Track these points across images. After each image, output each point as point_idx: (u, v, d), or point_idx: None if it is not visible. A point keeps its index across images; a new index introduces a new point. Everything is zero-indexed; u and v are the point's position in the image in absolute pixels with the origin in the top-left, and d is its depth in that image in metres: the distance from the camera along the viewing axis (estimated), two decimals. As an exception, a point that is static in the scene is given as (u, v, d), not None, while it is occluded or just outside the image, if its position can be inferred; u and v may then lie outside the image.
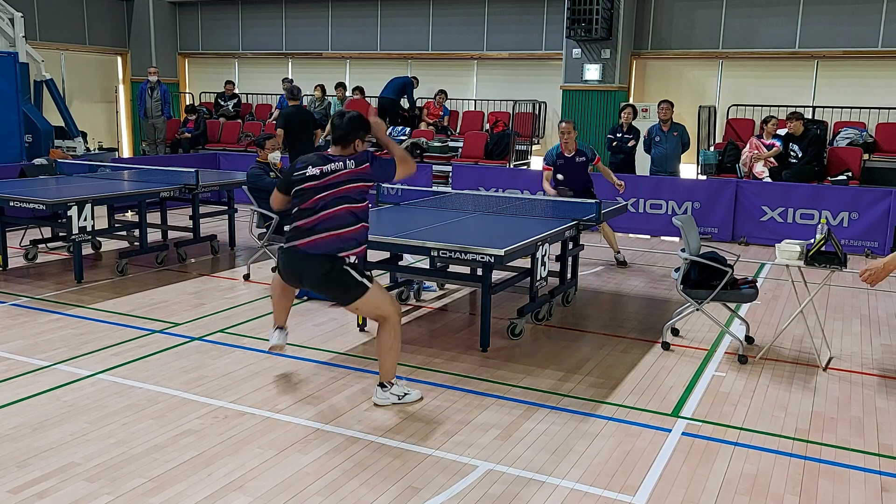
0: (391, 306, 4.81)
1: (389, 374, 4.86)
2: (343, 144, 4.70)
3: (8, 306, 6.87)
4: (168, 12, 17.95)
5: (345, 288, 4.66)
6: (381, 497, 3.74)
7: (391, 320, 4.78)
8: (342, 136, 4.70)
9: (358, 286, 4.66)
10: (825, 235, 5.59)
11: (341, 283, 4.65)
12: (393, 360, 4.84)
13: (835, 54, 12.67)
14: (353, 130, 4.70)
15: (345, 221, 4.63)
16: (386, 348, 4.81)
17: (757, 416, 4.80)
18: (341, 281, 4.64)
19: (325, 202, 4.62)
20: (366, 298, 4.69)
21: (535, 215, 7.18)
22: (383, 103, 14.60)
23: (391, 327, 4.77)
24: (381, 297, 4.79)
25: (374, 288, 4.71)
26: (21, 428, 4.41)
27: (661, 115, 11.05)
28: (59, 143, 13.30)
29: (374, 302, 4.74)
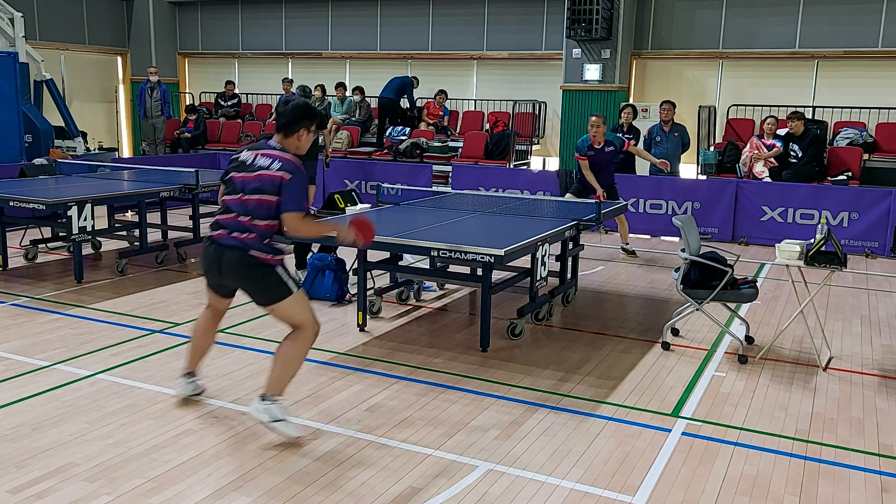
0: (312, 319, 4.43)
1: (277, 388, 4.36)
2: (286, 132, 4.39)
3: (8, 306, 6.87)
4: (168, 12, 17.95)
5: (265, 286, 4.32)
6: (381, 497, 3.74)
7: (306, 332, 4.39)
8: (286, 123, 4.39)
9: (280, 287, 4.32)
10: (825, 235, 5.59)
11: (263, 280, 4.31)
12: (288, 374, 4.38)
13: (835, 54, 12.67)
14: (298, 119, 4.39)
15: (263, 215, 4.27)
16: (285, 357, 4.36)
17: (757, 417, 4.80)
18: (263, 277, 4.30)
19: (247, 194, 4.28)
20: (286, 303, 4.33)
21: (535, 215, 7.18)
22: (383, 103, 14.61)
23: (303, 339, 4.38)
24: (304, 306, 4.41)
25: (299, 294, 4.38)
26: (20, 428, 4.41)
27: (663, 115, 11.08)
28: (59, 143, 13.31)
29: (293, 308, 4.36)
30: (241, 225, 4.29)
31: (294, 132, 4.41)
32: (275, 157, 4.30)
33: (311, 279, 7.23)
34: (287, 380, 4.39)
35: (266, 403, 4.30)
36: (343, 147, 14.41)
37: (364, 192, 12.39)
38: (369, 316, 6.54)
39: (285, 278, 4.34)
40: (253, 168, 4.31)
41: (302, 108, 4.44)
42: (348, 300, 7.16)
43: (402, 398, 4.96)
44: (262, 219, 4.27)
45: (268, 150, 4.35)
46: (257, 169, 4.29)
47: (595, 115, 9.41)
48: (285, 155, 4.32)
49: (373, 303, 6.71)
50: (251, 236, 4.28)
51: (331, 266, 7.20)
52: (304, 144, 4.48)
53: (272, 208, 4.26)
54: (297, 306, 4.38)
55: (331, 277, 7.17)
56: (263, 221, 4.27)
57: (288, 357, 4.36)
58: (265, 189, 4.24)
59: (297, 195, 4.26)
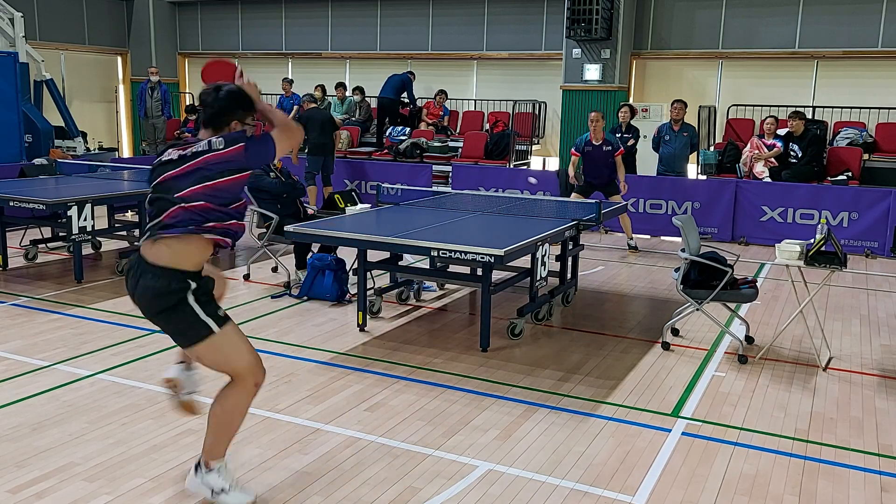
0: (249, 363, 3.52)
1: (215, 453, 3.60)
2: (215, 127, 3.51)
3: (7, 306, 6.87)
4: (168, 12, 17.95)
5: (180, 324, 3.41)
6: (381, 497, 3.74)
7: (245, 382, 3.51)
8: (214, 115, 3.52)
9: (197, 325, 3.38)
10: (825, 235, 5.59)
11: (175, 316, 3.39)
12: (227, 435, 3.60)
13: (835, 54, 12.67)
14: (229, 109, 3.52)
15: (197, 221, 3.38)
16: (221, 416, 3.54)
17: (757, 416, 4.80)
18: (175, 312, 3.38)
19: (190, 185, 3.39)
20: (209, 344, 3.41)
21: (535, 215, 7.18)
22: (383, 103, 14.61)
23: (241, 390, 3.52)
24: (236, 346, 3.50)
25: (226, 331, 3.45)
26: (20, 428, 4.41)
27: (674, 114, 11.07)
28: (59, 143, 13.31)
29: (222, 351, 3.46)
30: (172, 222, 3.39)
31: (225, 125, 3.53)
32: (205, 138, 3.47)
33: (311, 279, 7.23)
34: (226, 442, 3.63)
35: (203, 474, 3.60)
36: (343, 147, 14.40)
37: (364, 192, 12.40)
38: (369, 316, 6.55)
39: (202, 315, 3.39)
40: (187, 159, 3.40)
41: (234, 95, 3.57)
42: (348, 300, 7.17)
43: (402, 398, 4.96)
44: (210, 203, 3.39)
45: (193, 142, 3.51)
46: (196, 156, 3.39)
47: (594, 112, 9.67)
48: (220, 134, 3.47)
49: (373, 303, 6.71)
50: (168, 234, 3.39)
51: (331, 266, 7.20)
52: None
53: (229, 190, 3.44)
54: (228, 348, 3.48)
55: (331, 277, 7.17)
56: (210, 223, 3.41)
57: (225, 412, 3.55)
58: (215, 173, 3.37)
59: (262, 138, 3.50)
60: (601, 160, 9.62)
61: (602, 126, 9.61)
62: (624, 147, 11.46)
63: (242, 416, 3.61)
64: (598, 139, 9.59)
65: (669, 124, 11.14)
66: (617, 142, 9.85)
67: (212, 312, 3.44)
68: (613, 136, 10.01)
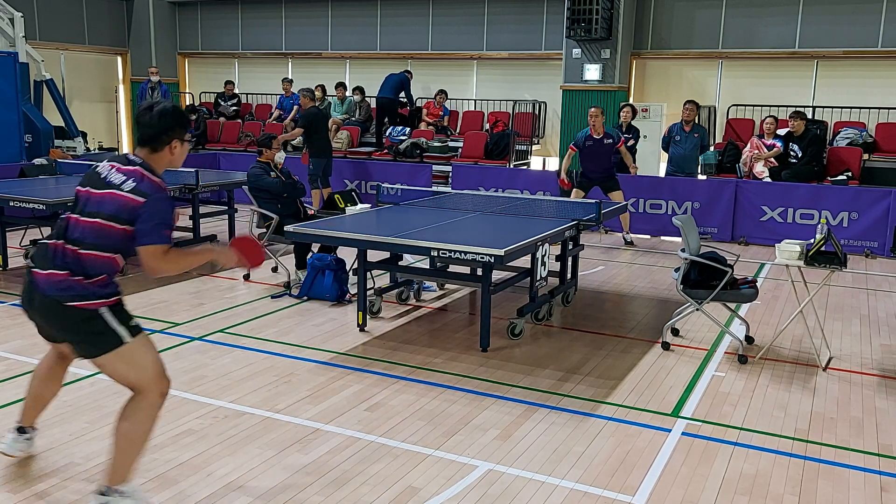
0: (154, 376, 3.47)
1: (120, 476, 3.46)
2: (152, 147, 3.45)
3: (8, 306, 6.87)
4: (168, 12, 17.95)
5: (88, 334, 3.41)
6: (381, 497, 3.74)
7: (148, 396, 3.45)
8: (152, 136, 3.45)
9: (107, 335, 3.38)
10: (825, 235, 5.59)
11: (82, 327, 3.40)
12: (133, 455, 3.48)
13: (835, 54, 12.67)
14: (168, 129, 3.46)
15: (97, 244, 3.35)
16: (126, 435, 3.44)
17: (757, 416, 4.80)
18: (82, 322, 3.39)
19: (85, 215, 3.39)
20: (116, 355, 3.39)
21: (535, 215, 7.18)
22: (382, 103, 14.60)
23: (146, 405, 3.45)
24: (143, 358, 3.46)
25: (135, 344, 3.42)
26: (21, 428, 4.40)
27: (686, 115, 11.10)
28: (59, 143, 13.30)
29: (128, 362, 3.42)
30: (64, 258, 3.36)
31: (165, 144, 3.47)
32: (131, 174, 3.39)
33: (311, 279, 7.23)
34: (131, 463, 3.48)
35: (107, 499, 3.43)
36: (343, 147, 14.41)
37: (364, 192, 12.40)
38: (369, 316, 6.55)
39: (113, 324, 3.38)
40: (103, 184, 3.40)
41: (171, 113, 3.49)
42: (348, 300, 7.17)
43: (402, 398, 4.96)
44: (95, 250, 3.35)
45: (127, 165, 3.44)
46: (107, 186, 3.38)
47: (594, 108, 10.01)
48: (146, 173, 3.40)
49: (373, 303, 6.71)
50: (70, 278, 3.34)
51: (331, 266, 7.20)
52: (179, 158, 3.56)
53: (115, 238, 3.35)
54: (132, 360, 3.43)
55: (331, 277, 7.18)
56: (96, 252, 3.35)
57: (127, 438, 3.43)
58: (109, 213, 3.33)
59: (153, 224, 3.34)
60: (603, 153, 9.89)
61: (602, 121, 9.89)
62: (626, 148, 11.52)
63: (149, 435, 3.51)
64: (599, 133, 9.89)
65: (680, 125, 11.13)
66: (617, 134, 10.14)
67: (125, 321, 3.44)
68: (613, 129, 10.29)
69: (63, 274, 3.36)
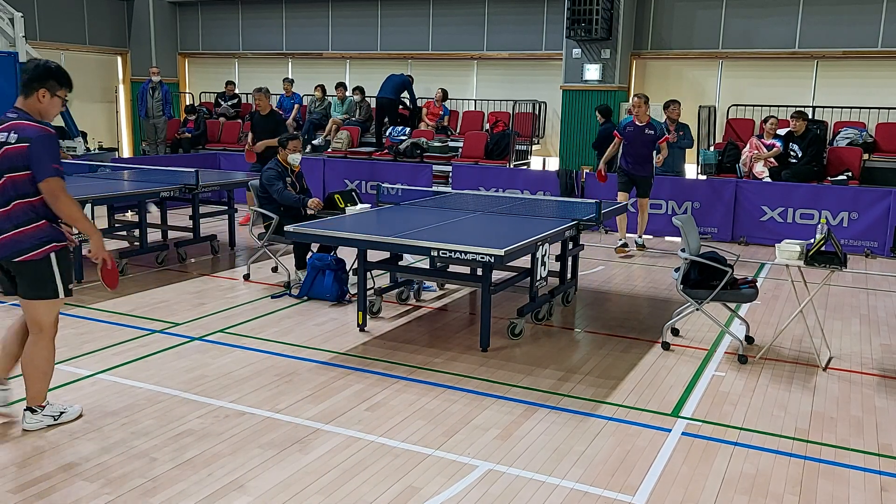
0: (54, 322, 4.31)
1: (39, 398, 4.36)
2: (25, 94, 4.12)
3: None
4: (168, 12, 17.95)
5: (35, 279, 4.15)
6: (381, 497, 3.74)
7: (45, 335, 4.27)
8: (25, 82, 4.11)
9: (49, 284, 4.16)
10: (825, 235, 5.59)
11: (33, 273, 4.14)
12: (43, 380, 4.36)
13: (835, 54, 12.67)
14: (39, 78, 4.11)
15: (20, 219, 4.07)
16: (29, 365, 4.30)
17: (757, 416, 4.80)
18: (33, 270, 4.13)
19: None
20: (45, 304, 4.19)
21: (535, 215, 7.19)
22: (382, 103, 14.61)
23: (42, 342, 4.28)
24: (56, 310, 4.28)
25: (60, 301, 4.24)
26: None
27: (675, 115, 11.02)
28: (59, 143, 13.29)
29: (46, 310, 4.22)
30: (6, 220, 4.06)
31: (33, 92, 4.11)
32: (11, 128, 4.05)
33: (311, 279, 7.24)
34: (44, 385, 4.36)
35: (39, 414, 4.36)
36: (343, 147, 14.41)
37: (364, 192, 12.40)
38: (369, 316, 6.55)
39: (57, 278, 4.16)
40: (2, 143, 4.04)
41: (47, 66, 4.15)
42: (348, 300, 7.17)
43: (401, 398, 4.96)
44: (23, 198, 4.04)
45: (5, 122, 4.08)
46: (1, 146, 4.02)
47: (636, 96, 9.70)
48: (21, 122, 4.05)
49: (373, 303, 6.71)
50: (20, 232, 4.06)
51: (331, 266, 7.20)
52: (48, 109, 4.18)
53: (28, 184, 4.02)
54: (52, 309, 4.22)
55: (331, 277, 7.18)
56: (25, 200, 4.04)
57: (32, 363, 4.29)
58: (14, 165, 4.00)
59: (43, 160, 3.99)
60: (641, 143, 9.63)
61: (646, 110, 9.61)
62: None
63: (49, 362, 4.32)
64: (642, 121, 9.61)
65: (665, 124, 11.10)
66: (662, 129, 9.80)
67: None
68: (660, 123, 9.93)
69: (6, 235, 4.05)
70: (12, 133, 4.01)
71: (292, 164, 7.80)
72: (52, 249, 4.12)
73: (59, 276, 4.16)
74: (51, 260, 4.13)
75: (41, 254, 4.09)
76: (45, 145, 4.02)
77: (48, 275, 4.14)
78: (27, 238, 4.07)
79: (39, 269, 4.12)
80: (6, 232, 4.06)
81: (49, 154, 4.02)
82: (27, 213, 4.06)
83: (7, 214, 4.05)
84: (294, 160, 7.77)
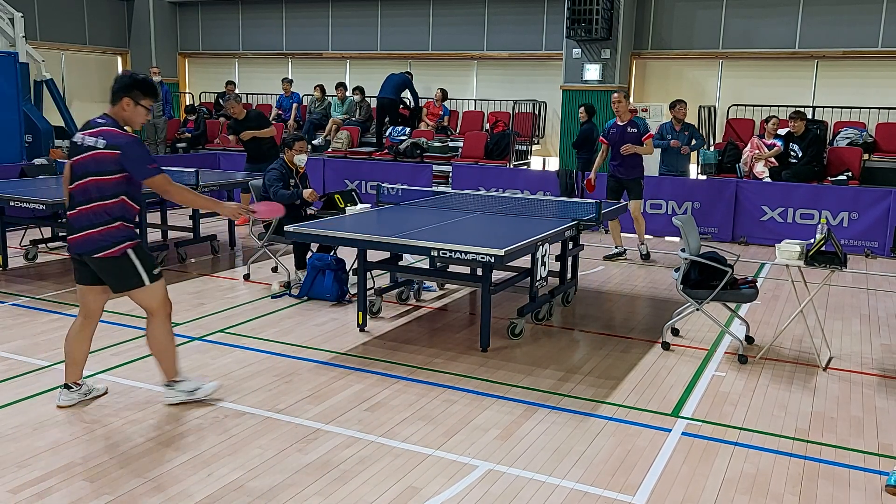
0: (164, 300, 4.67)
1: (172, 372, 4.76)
2: (112, 101, 4.49)
3: (8, 306, 6.87)
4: (168, 12, 17.95)
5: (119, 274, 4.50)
6: (381, 497, 3.74)
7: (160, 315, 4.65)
8: (113, 92, 4.48)
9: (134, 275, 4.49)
10: (825, 235, 5.59)
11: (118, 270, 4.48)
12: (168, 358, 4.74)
13: (835, 54, 12.67)
14: (124, 88, 4.45)
15: (94, 220, 4.40)
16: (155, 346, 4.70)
17: (757, 416, 4.80)
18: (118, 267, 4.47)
19: (81, 189, 4.40)
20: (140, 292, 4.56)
21: (535, 215, 7.18)
22: (382, 103, 14.61)
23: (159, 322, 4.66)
24: (158, 290, 4.63)
25: (156, 285, 4.58)
26: (21, 428, 4.41)
27: (680, 115, 10.76)
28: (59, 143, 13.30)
29: (147, 294, 4.58)
30: (84, 218, 4.38)
31: (119, 100, 4.45)
32: (99, 133, 4.36)
33: (311, 279, 7.23)
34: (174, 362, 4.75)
35: (174, 387, 4.76)
36: (343, 147, 14.41)
37: (364, 192, 12.40)
38: (369, 316, 6.55)
39: (139, 267, 4.49)
40: (83, 149, 4.37)
41: (128, 77, 4.51)
42: (348, 300, 7.17)
43: (402, 398, 4.96)
44: (104, 199, 4.36)
45: (94, 128, 4.40)
46: (87, 150, 4.35)
47: (616, 93, 9.19)
48: (108, 129, 4.37)
49: (373, 303, 6.71)
50: (95, 231, 4.37)
51: (331, 266, 7.20)
52: (133, 117, 4.48)
53: (111, 187, 4.35)
54: (151, 293, 4.57)
55: (331, 277, 7.17)
56: (106, 202, 4.36)
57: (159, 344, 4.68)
58: (100, 169, 4.32)
59: (139, 163, 4.36)
60: (625, 143, 8.95)
61: (625, 106, 9.03)
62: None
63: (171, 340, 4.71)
64: (623, 120, 9.03)
65: (671, 124, 11.06)
66: (645, 125, 9.21)
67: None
68: (642, 119, 9.28)
69: (89, 232, 4.37)
70: (100, 138, 4.33)
71: (298, 165, 7.70)
72: (127, 247, 4.44)
73: (140, 266, 4.48)
74: (129, 255, 4.45)
75: (119, 251, 4.41)
76: (136, 150, 4.36)
77: (129, 268, 4.46)
78: (103, 237, 4.38)
79: (119, 264, 4.44)
80: (82, 230, 4.40)
81: (142, 156, 4.39)
82: (101, 216, 4.38)
83: (86, 213, 4.38)
84: (300, 161, 7.67)
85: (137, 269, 4.48)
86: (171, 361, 4.72)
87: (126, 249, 4.43)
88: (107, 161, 4.32)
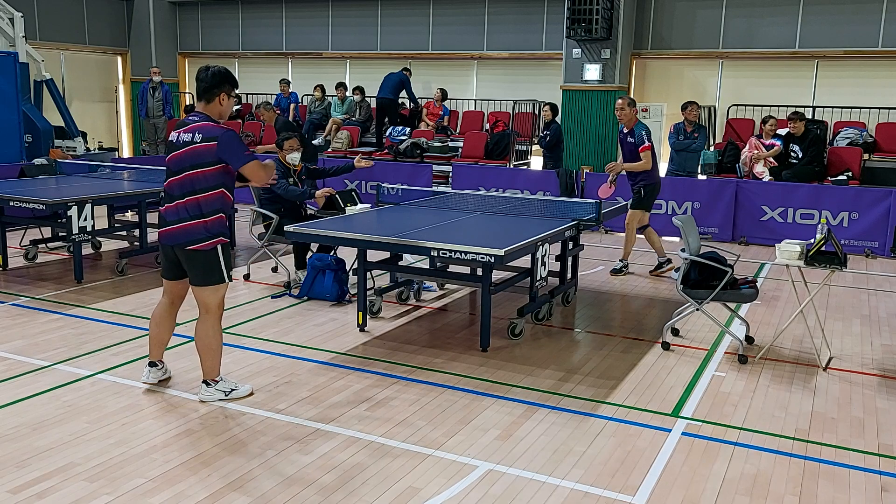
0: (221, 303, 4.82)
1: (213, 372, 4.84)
2: (207, 99, 4.64)
3: (8, 306, 6.87)
4: (168, 12, 17.95)
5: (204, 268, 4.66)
6: (381, 497, 3.74)
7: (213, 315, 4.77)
8: (206, 89, 4.62)
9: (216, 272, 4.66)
10: (825, 235, 5.59)
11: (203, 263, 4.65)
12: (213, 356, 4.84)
13: (835, 54, 12.67)
14: (218, 84, 4.63)
15: (187, 213, 4.59)
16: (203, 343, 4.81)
17: (757, 416, 4.80)
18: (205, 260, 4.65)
19: (178, 184, 4.60)
20: (213, 289, 4.70)
21: (535, 215, 7.18)
22: (382, 103, 14.61)
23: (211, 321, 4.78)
24: (222, 294, 4.78)
25: (226, 285, 4.75)
26: (21, 428, 4.41)
27: (692, 116, 10.74)
28: (59, 143, 13.31)
29: (215, 294, 4.72)
30: (183, 210, 4.58)
31: (215, 97, 4.63)
32: (194, 129, 4.53)
33: (311, 279, 7.23)
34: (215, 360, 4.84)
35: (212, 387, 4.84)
36: (343, 147, 14.41)
37: (364, 192, 12.40)
38: (369, 316, 6.55)
39: (223, 265, 4.66)
40: (180, 146, 4.55)
41: (221, 74, 4.64)
42: (348, 300, 7.16)
43: (402, 398, 4.96)
44: (202, 192, 4.54)
45: (188, 124, 4.57)
46: (183, 146, 4.54)
47: (620, 98, 8.47)
48: (204, 124, 4.54)
49: (373, 303, 6.71)
50: (191, 224, 4.56)
51: (331, 266, 7.20)
52: (226, 110, 4.71)
53: (211, 178, 4.54)
54: (218, 293, 4.72)
55: (331, 277, 7.17)
56: (203, 195, 4.54)
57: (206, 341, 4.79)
58: (198, 163, 4.50)
59: (237, 151, 4.54)
60: (624, 150, 8.51)
61: (627, 114, 8.28)
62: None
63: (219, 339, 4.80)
64: (628, 127, 8.37)
65: (683, 125, 11.03)
66: (640, 135, 8.27)
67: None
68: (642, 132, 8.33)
69: (184, 224, 4.59)
70: (197, 133, 4.51)
71: (292, 164, 7.78)
72: (219, 242, 4.63)
73: (223, 264, 4.67)
74: (217, 251, 4.62)
75: (211, 245, 4.59)
76: (234, 140, 4.55)
77: (216, 263, 4.63)
78: (198, 230, 4.57)
79: (209, 258, 4.61)
80: (175, 223, 4.60)
81: (239, 146, 4.57)
82: (194, 210, 4.56)
83: (183, 206, 4.57)
84: (293, 159, 7.75)
85: (221, 267, 4.65)
86: (216, 361, 4.81)
87: (217, 245, 4.61)
88: (205, 153, 4.49)
